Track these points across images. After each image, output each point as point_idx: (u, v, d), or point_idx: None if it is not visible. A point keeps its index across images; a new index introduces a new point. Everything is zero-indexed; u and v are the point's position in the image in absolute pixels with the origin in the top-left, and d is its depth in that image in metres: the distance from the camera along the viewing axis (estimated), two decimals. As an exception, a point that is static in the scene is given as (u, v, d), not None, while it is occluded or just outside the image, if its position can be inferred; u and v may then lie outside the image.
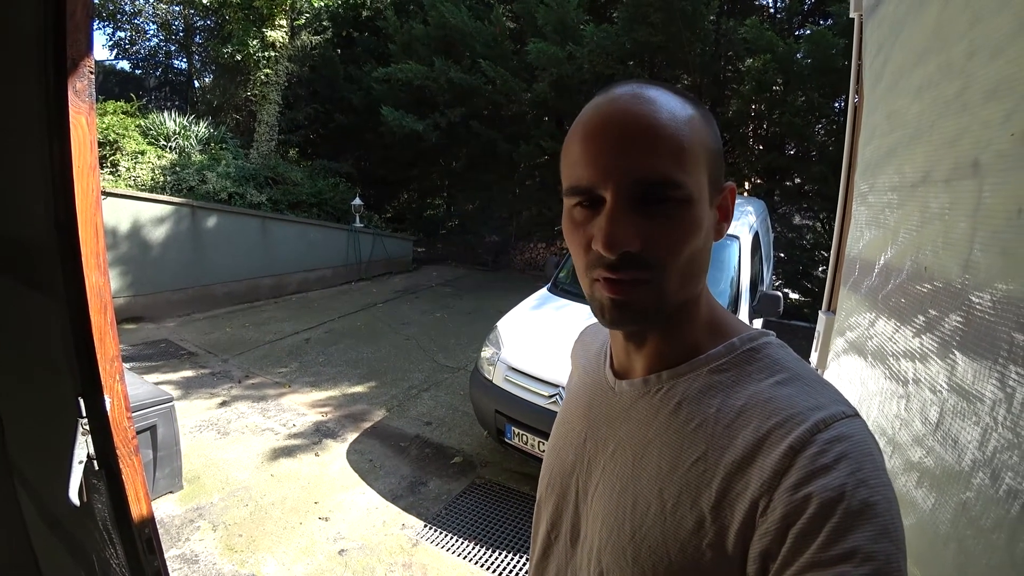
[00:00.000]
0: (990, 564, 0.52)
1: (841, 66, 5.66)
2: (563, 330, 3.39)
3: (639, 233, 0.46)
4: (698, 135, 0.48)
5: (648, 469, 0.51)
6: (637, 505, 0.50)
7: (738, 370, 0.50)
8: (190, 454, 3.33)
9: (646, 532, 0.49)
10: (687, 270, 0.49)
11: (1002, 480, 0.53)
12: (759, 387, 0.48)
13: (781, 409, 0.45)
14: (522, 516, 2.96)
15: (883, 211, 1.00)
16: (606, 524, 0.53)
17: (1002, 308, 0.58)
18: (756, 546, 0.42)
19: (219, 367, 4.97)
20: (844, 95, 6.42)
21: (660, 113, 0.47)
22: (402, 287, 8.64)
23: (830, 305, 1.43)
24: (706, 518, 0.45)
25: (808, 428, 0.43)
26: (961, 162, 0.72)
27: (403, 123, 8.76)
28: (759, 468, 0.43)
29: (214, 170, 7.62)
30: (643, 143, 0.46)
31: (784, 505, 0.41)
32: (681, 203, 0.47)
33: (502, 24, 8.44)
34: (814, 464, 0.41)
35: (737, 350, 0.51)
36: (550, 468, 0.66)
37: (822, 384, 0.48)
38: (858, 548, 0.37)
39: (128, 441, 1.09)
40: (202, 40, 11.74)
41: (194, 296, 6.73)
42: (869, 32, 1.19)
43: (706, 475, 0.46)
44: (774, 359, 0.50)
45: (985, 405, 0.58)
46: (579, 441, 0.61)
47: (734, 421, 0.47)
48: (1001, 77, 0.64)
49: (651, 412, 0.53)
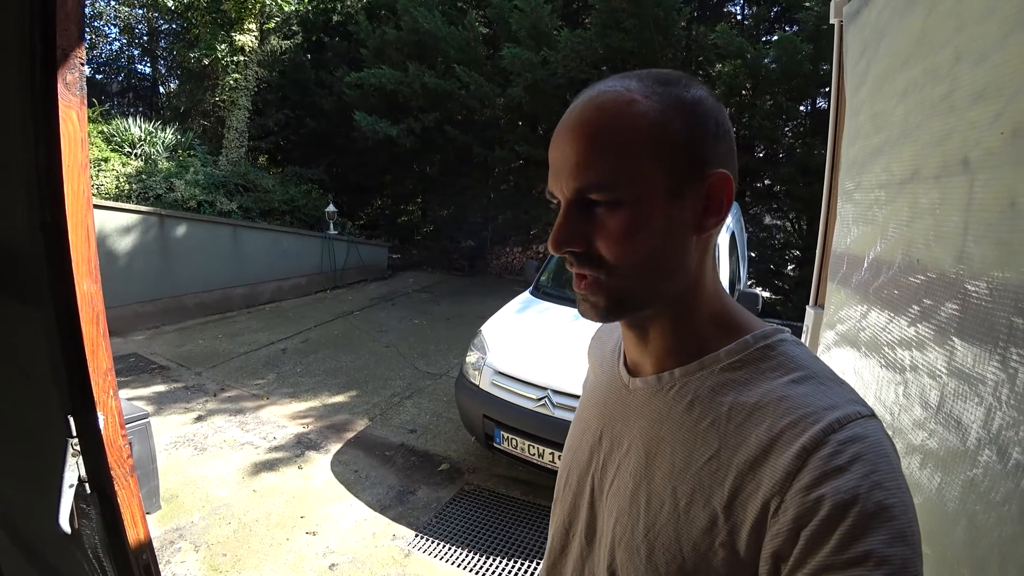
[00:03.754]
0: (1002, 536, 0.55)
1: (807, 71, 5.87)
2: (548, 333, 3.41)
3: (582, 234, 0.49)
4: (654, 129, 0.47)
5: (662, 467, 0.51)
6: (651, 502, 0.51)
7: (752, 368, 0.50)
8: (167, 472, 3.22)
9: (659, 529, 0.49)
10: (644, 267, 0.49)
11: (1010, 455, 0.56)
12: (772, 385, 0.47)
13: (795, 408, 0.45)
14: (513, 521, 2.96)
15: (871, 207, 1.04)
16: (620, 521, 0.53)
17: (999, 295, 0.62)
18: (768, 547, 0.42)
19: (193, 380, 4.83)
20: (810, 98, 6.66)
21: (601, 118, 0.48)
22: (378, 294, 8.55)
23: (817, 300, 1.49)
24: (719, 516, 0.45)
25: (822, 428, 0.42)
26: (950, 160, 0.76)
27: (376, 128, 8.70)
28: (771, 468, 0.43)
29: (182, 177, 7.43)
30: (578, 151, 0.48)
31: (796, 507, 0.40)
32: (613, 205, 0.48)
33: (475, 29, 8.47)
34: (827, 465, 0.40)
35: (751, 347, 0.51)
36: (567, 466, 0.66)
37: (838, 383, 0.48)
38: (872, 552, 0.37)
39: (123, 461, 1.04)
40: (167, 44, 11.45)
41: (163, 308, 6.53)
42: (850, 37, 1.24)
43: (719, 473, 0.46)
44: (789, 356, 0.50)
45: (988, 386, 0.62)
46: (595, 439, 0.61)
47: (747, 419, 0.47)
48: (988, 81, 0.68)
49: (664, 409, 0.53)
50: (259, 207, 8.32)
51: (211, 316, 6.93)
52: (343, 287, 8.90)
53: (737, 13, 9.24)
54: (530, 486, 3.24)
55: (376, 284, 9.32)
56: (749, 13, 8.85)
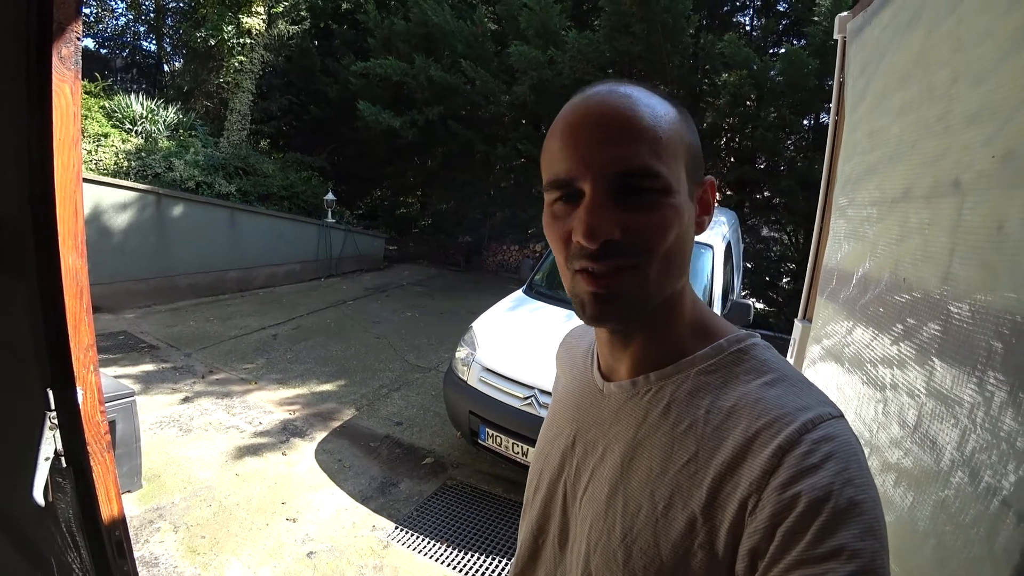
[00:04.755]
0: (970, 557, 0.55)
1: (812, 85, 5.88)
2: (538, 332, 3.41)
3: (619, 222, 0.46)
4: (675, 127, 0.49)
5: (639, 471, 0.51)
6: (628, 507, 0.50)
7: (726, 371, 0.50)
8: (150, 452, 3.20)
9: (637, 534, 0.49)
10: (669, 260, 0.48)
11: (981, 478, 0.56)
12: (748, 388, 0.48)
13: (770, 410, 0.46)
14: (494, 518, 2.96)
15: (862, 224, 1.04)
16: (595, 527, 0.53)
17: (981, 318, 0.62)
18: (745, 544, 0.42)
19: (182, 361, 4.81)
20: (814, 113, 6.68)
21: (637, 105, 0.47)
22: (373, 285, 8.53)
23: (806, 314, 1.49)
24: (697, 519, 0.45)
25: (796, 428, 0.43)
26: (942, 181, 0.76)
27: (380, 119, 8.66)
28: (749, 468, 0.44)
29: (182, 157, 7.38)
30: (620, 133, 0.46)
31: (773, 504, 0.41)
32: (660, 193, 0.47)
33: (484, 25, 8.46)
34: (802, 464, 0.41)
35: (725, 351, 0.52)
36: (538, 472, 0.65)
37: (808, 385, 0.49)
38: (844, 546, 0.38)
39: (100, 437, 1.03)
40: (173, 22, 11.34)
41: (156, 287, 6.49)
42: (852, 54, 1.24)
43: (697, 476, 0.47)
44: (761, 360, 0.51)
45: (964, 408, 0.62)
46: (567, 444, 0.61)
47: (724, 422, 0.47)
48: (983, 103, 0.68)
49: (640, 414, 0.53)
50: (258, 191, 8.28)
51: (203, 298, 6.90)
52: (338, 276, 8.87)
53: (746, 24, 9.26)
54: (512, 484, 3.24)
55: (371, 275, 9.30)
56: (758, 24, 8.86)
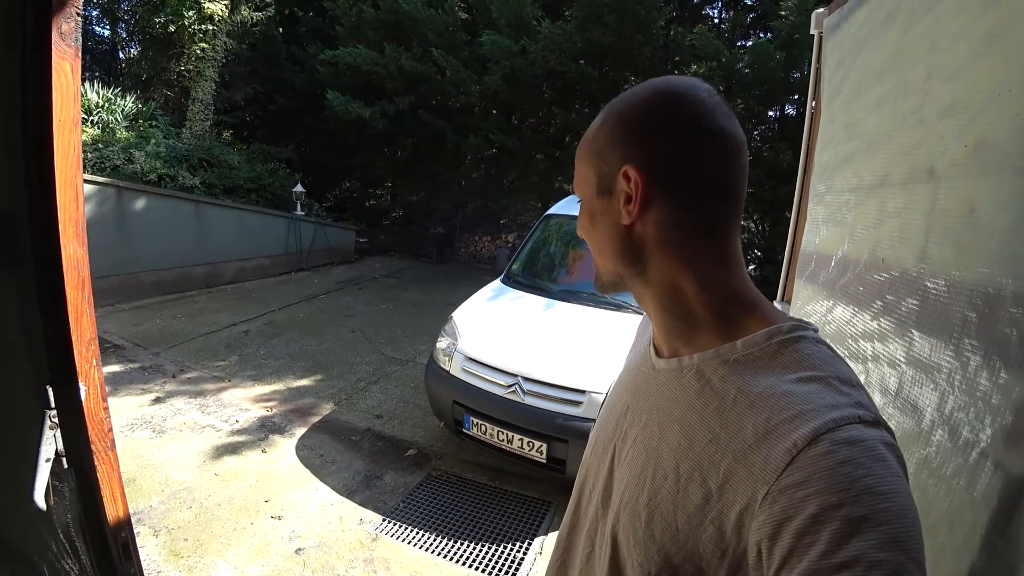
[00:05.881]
0: (951, 506, 0.62)
1: (779, 77, 6.05)
2: (519, 320, 3.45)
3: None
4: (592, 142, 0.60)
5: (670, 443, 0.54)
6: (656, 475, 0.54)
7: (764, 361, 0.51)
8: (123, 455, 3.08)
9: (660, 500, 0.53)
10: (596, 249, 0.62)
11: (960, 434, 0.63)
12: (779, 380, 0.49)
13: (794, 404, 0.46)
14: (480, 505, 3.00)
15: (840, 210, 1.12)
16: (628, 488, 0.58)
17: (956, 291, 0.69)
18: (754, 536, 0.44)
19: (150, 361, 4.67)
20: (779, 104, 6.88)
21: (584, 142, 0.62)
22: (345, 278, 8.42)
23: (784, 295, 1.57)
24: (712, 495, 0.48)
25: (816, 427, 0.43)
26: (917, 168, 0.83)
27: (349, 109, 8.51)
28: (762, 459, 0.45)
29: (142, 149, 7.11)
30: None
31: (783, 502, 0.41)
32: (583, 201, 0.63)
33: (455, 14, 8.38)
34: (816, 464, 0.41)
35: (768, 341, 0.52)
36: (596, 434, 0.71)
37: (850, 385, 0.47)
38: (861, 556, 0.36)
39: (105, 434, 1.02)
40: (129, 7, 10.82)
41: (119, 285, 6.26)
42: (829, 49, 1.31)
43: (716, 456, 0.49)
44: (803, 355, 0.50)
45: (942, 373, 0.68)
46: (621, 412, 0.66)
47: (748, 409, 0.49)
48: (956, 98, 0.74)
49: (680, 391, 0.56)
50: (223, 184, 8.05)
51: (169, 295, 6.69)
52: (308, 270, 8.72)
53: (715, 17, 9.46)
54: (497, 472, 3.29)
55: (342, 268, 9.17)
56: (727, 17, 9.06)
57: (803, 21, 5.28)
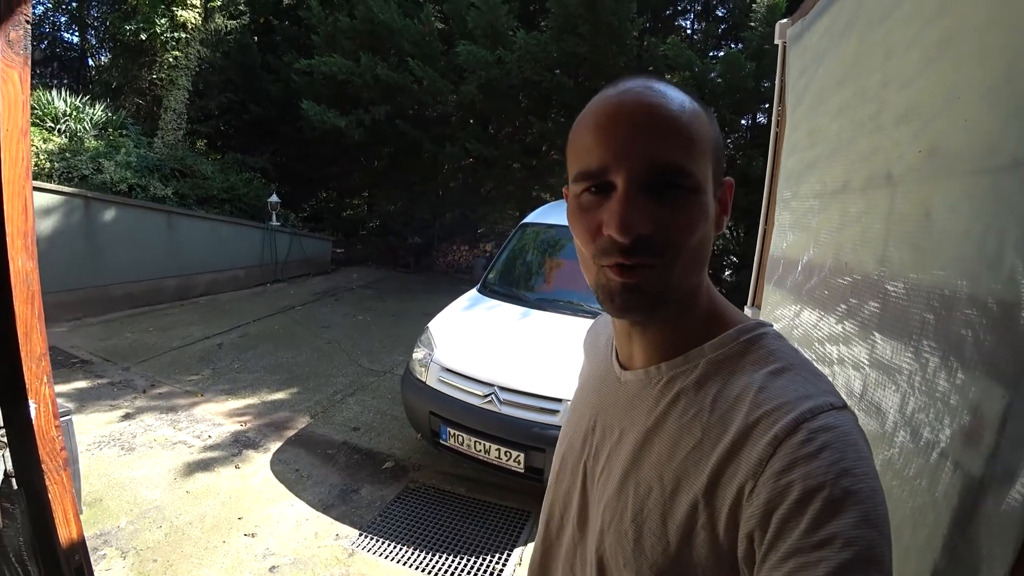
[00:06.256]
0: (914, 507, 0.62)
1: (750, 87, 6.19)
2: (496, 330, 3.44)
3: (652, 217, 0.48)
4: (705, 127, 0.51)
5: (650, 456, 0.53)
6: (639, 489, 0.53)
7: (734, 361, 0.52)
8: (89, 474, 3.01)
9: (647, 515, 0.52)
10: (694, 257, 0.51)
11: (921, 435, 0.63)
12: (753, 377, 0.50)
13: (772, 398, 0.47)
14: (458, 517, 2.96)
15: (805, 215, 1.14)
16: (609, 507, 0.56)
17: (914, 294, 0.70)
18: (743, 528, 0.44)
19: (119, 376, 4.53)
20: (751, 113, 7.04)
21: (671, 103, 0.49)
22: (321, 289, 8.31)
23: (755, 300, 1.59)
24: (699, 502, 0.48)
25: (795, 417, 0.44)
26: (875, 173, 0.84)
27: (324, 119, 8.44)
28: (747, 454, 0.45)
29: (112, 158, 6.92)
30: (657, 130, 0.48)
31: (768, 491, 0.43)
32: (691, 191, 0.49)
33: (431, 24, 8.39)
34: (798, 452, 0.42)
35: (734, 341, 0.53)
36: (561, 454, 0.69)
37: (815, 375, 0.50)
38: (838, 534, 0.38)
39: (56, 454, 0.97)
40: (99, 14, 10.59)
41: (87, 298, 6.07)
42: (792, 59, 1.34)
43: (701, 462, 0.49)
44: (770, 350, 0.52)
45: (903, 375, 0.69)
46: (588, 428, 0.64)
47: (728, 410, 0.49)
48: (910, 104, 0.76)
49: (653, 402, 0.55)
50: (196, 194, 7.89)
51: (140, 308, 6.51)
52: (284, 281, 8.59)
53: (688, 27, 9.66)
54: (475, 483, 3.25)
55: (319, 279, 9.05)
56: (699, 28, 9.25)
57: (772, 32, 5.39)
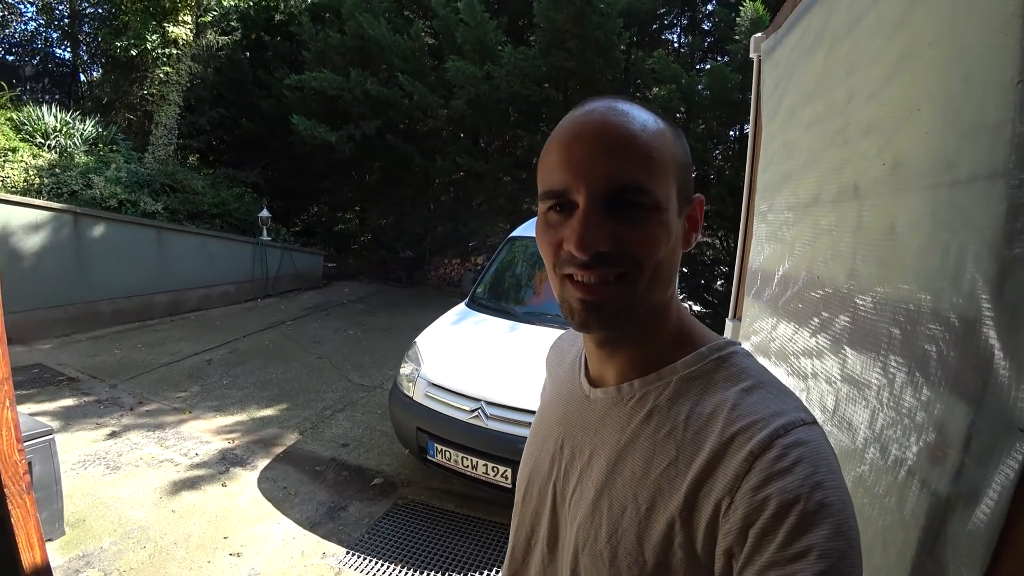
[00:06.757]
0: (884, 525, 0.61)
1: (736, 99, 6.26)
2: (483, 344, 3.42)
3: (611, 234, 0.49)
4: (668, 147, 0.52)
5: (623, 474, 0.53)
6: (613, 509, 0.53)
7: (706, 378, 0.52)
8: (73, 494, 2.95)
9: (622, 534, 0.51)
10: (656, 274, 0.51)
11: (890, 452, 0.63)
12: (726, 394, 0.50)
13: (745, 415, 0.48)
14: (447, 534, 2.92)
15: (781, 228, 1.14)
16: (583, 528, 0.55)
17: (881, 308, 0.69)
18: (721, 544, 0.44)
19: (106, 394, 4.47)
20: (739, 124, 7.11)
21: (632, 124, 0.50)
22: (312, 304, 8.27)
23: (736, 313, 1.59)
24: (676, 520, 0.47)
25: (768, 433, 0.45)
26: (844, 186, 0.85)
27: (315, 133, 8.46)
28: (723, 471, 0.46)
29: (102, 174, 6.90)
30: (615, 150, 0.49)
31: (745, 506, 0.43)
32: (650, 209, 0.50)
33: (421, 39, 8.45)
34: (773, 468, 0.43)
35: (706, 359, 0.54)
36: (527, 475, 0.67)
37: (784, 392, 0.51)
38: (813, 546, 0.39)
39: (19, 478, 0.95)
40: (91, 30, 10.59)
41: (75, 314, 6.01)
42: (766, 72, 1.35)
43: (676, 480, 0.49)
44: (740, 367, 0.53)
45: (872, 390, 0.69)
46: (555, 448, 0.63)
47: (702, 428, 0.49)
48: (874, 117, 0.76)
49: (625, 420, 0.55)
50: (187, 209, 7.86)
51: (129, 324, 6.45)
52: (275, 296, 8.54)
53: (674, 41, 9.79)
54: (464, 498, 3.21)
55: (310, 293, 9.01)
56: (685, 42, 9.38)
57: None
